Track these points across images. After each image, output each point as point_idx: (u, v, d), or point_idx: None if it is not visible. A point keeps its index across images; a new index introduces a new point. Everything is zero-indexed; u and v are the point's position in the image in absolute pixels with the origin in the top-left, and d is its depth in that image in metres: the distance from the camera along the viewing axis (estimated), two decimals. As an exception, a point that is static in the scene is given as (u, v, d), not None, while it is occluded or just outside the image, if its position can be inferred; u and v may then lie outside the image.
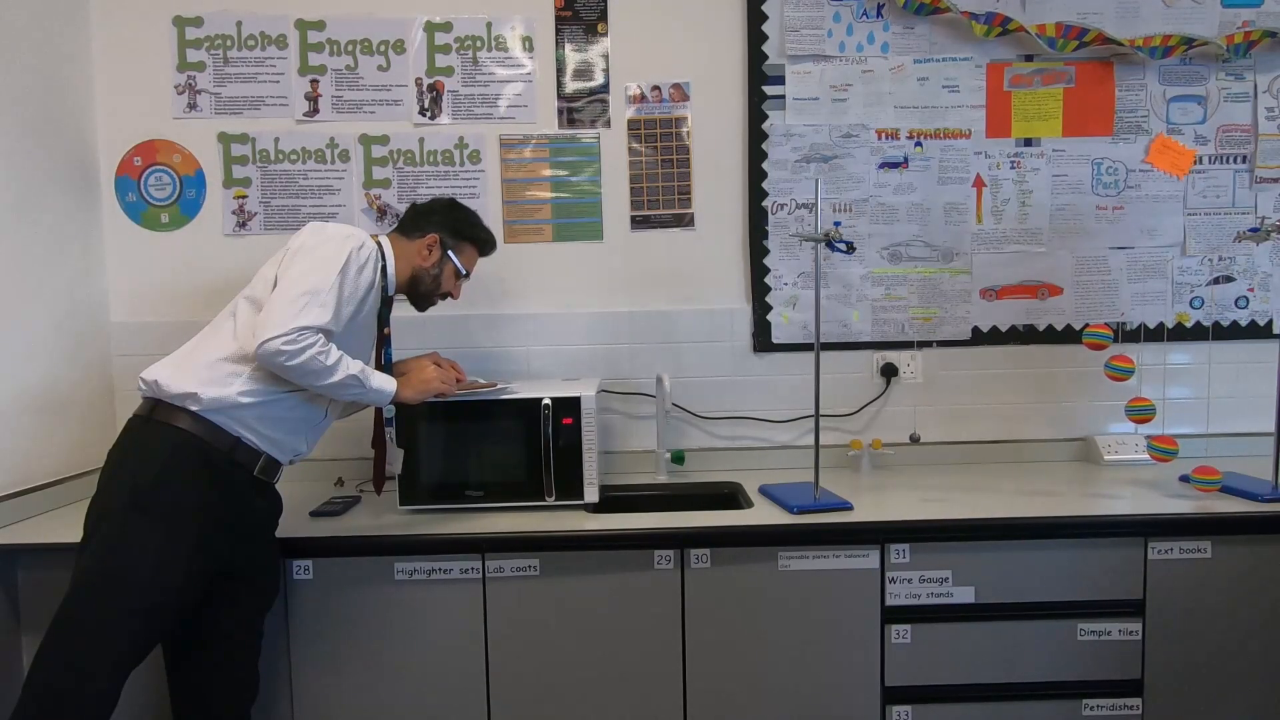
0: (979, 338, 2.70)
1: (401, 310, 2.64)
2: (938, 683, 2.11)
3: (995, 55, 2.66)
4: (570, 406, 2.24)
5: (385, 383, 1.97)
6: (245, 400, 1.85)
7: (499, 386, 2.32)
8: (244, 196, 2.63)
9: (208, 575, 1.84)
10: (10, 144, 2.25)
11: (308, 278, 1.86)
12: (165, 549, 1.76)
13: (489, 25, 2.63)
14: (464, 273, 2.20)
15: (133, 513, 1.76)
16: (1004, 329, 2.70)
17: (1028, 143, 2.68)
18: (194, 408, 1.82)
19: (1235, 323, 2.71)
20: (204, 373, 1.85)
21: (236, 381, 1.85)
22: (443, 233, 2.14)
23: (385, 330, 2.14)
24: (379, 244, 2.06)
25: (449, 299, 2.23)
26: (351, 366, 1.89)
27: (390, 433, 2.21)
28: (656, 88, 2.65)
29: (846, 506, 2.17)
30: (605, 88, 2.65)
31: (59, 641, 1.71)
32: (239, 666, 1.96)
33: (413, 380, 2.07)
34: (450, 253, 2.16)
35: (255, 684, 2.00)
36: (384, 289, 2.08)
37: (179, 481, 1.80)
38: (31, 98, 2.35)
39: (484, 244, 2.23)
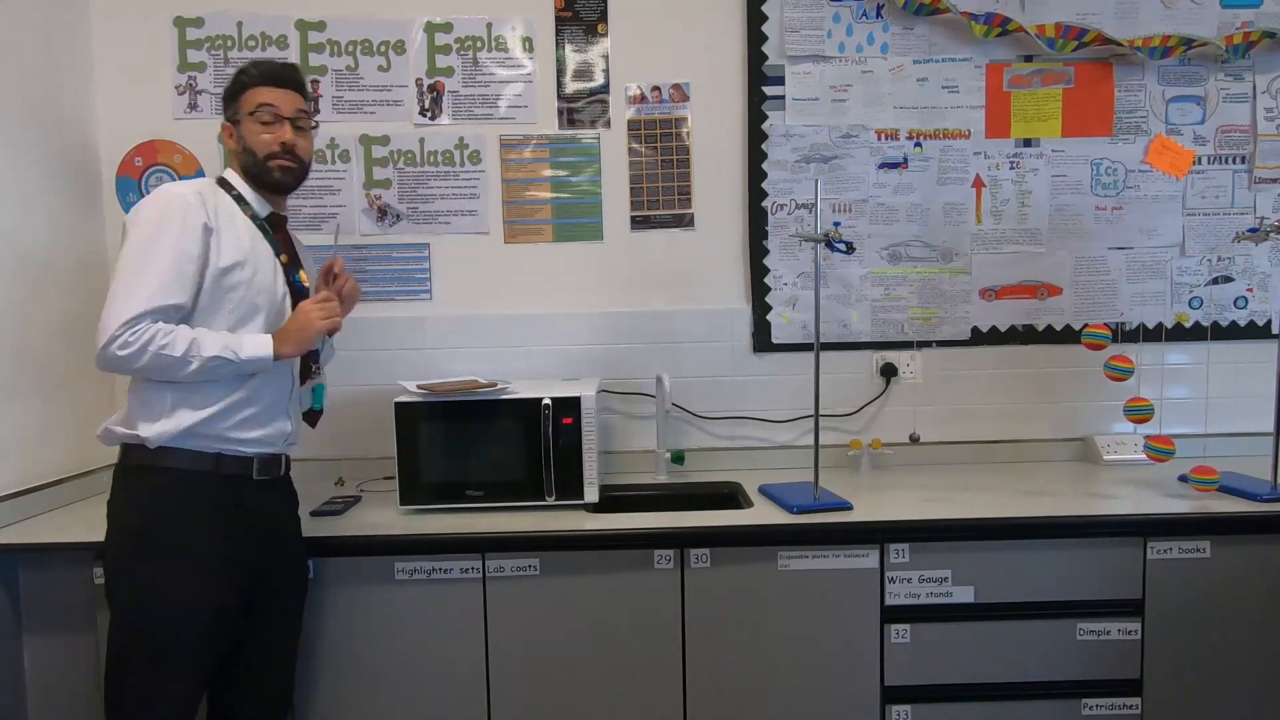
0: (978, 338, 2.71)
1: (400, 311, 2.66)
2: (937, 682, 2.11)
3: (995, 56, 2.66)
4: (570, 406, 2.25)
5: (258, 347, 1.78)
6: (195, 418, 1.76)
7: (498, 385, 2.32)
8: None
9: (243, 593, 1.82)
10: (11, 144, 2.25)
11: (125, 265, 1.72)
12: (185, 589, 1.73)
13: (489, 26, 2.63)
14: (257, 116, 1.86)
15: (140, 562, 1.73)
16: (1003, 329, 2.70)
17: (1027, 143, 2.68)
18: (151, 447, 1.75)
19: (1234, 323, 2.71)
20: (139, 409, 1.77)
21: (167, 401, 1.75)
22: (225, 114, 1.91)
23: (282, 257, 1.90)
24: (221, 179, 1.89)
25: (289, 152, 1.88)
26: (209, 347, 1.72)
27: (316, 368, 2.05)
28: (656, 88, 2.66)
29: (846, 506, 2.17)
30: (605, 88, 2.65)
31: (118, 711, 1.72)
32: (278, 673, 1.95)
33: (290, 331, 1.83)
34: (236, 116, 1.88)
35: (290, 691, 1.99)
36: (252, 219, 1.87)
37: (175, 520, 1.75)
38: (32, 98, 2.35)
39: (244, 75, 1.89)
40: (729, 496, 2.47)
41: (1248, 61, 2.66)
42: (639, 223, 2.68)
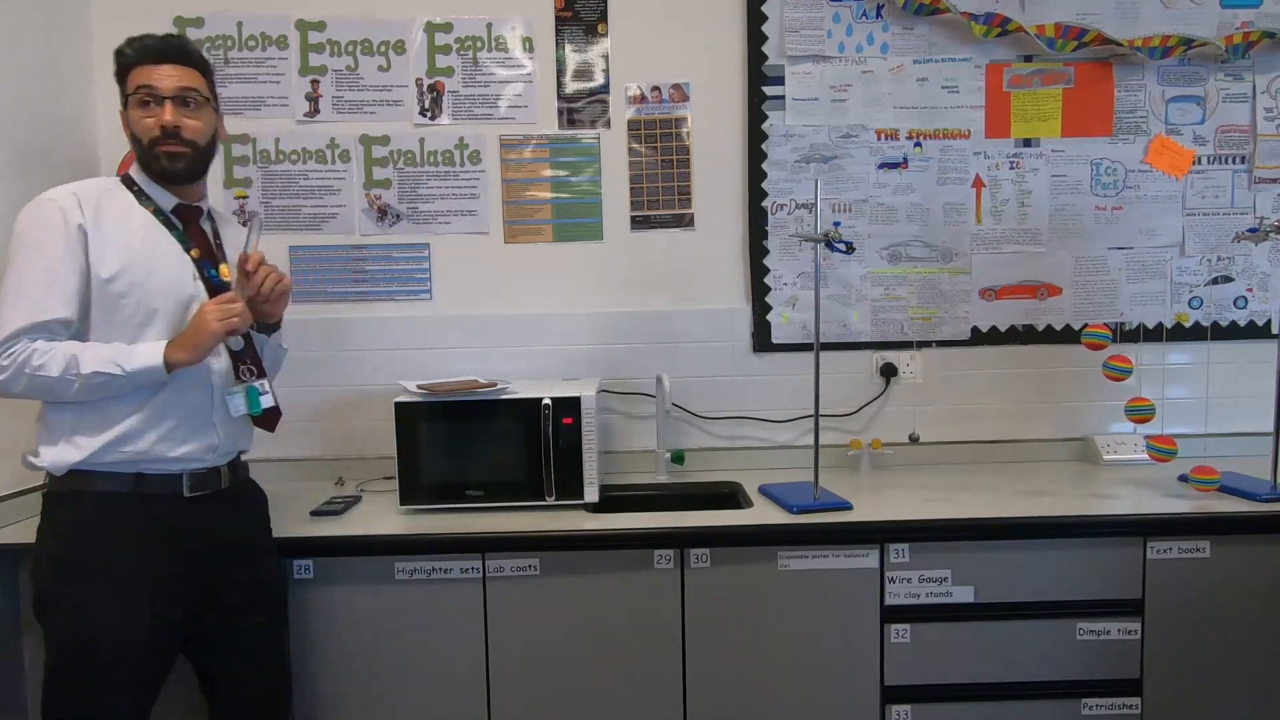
0: (978, 338, 2.71)
1: (400, 311, 2.66)
2: (937, 682, 2.11)
3: (994, 56, 2.66)
4: (570, 406, 2.25)
5: (147, 356, 1.64)
6: (96, 442, 1.67)
7: (498, 385, 2.32)
8: (245, 197, 2.63)
9: (192, 610, 1.76)
10: (11, 144, 2.26)
11: (2, 283, 1.62)
12: (109, 612, 1.65)
13: (489, 26, 2.63)
14: (133, 100, 1.73)
15: (63, 587, 1.66)
16: (1003, 329, 2.71)
17: (1027, 143, 2.68)
18: (58, 474, 1.67)
19: (1234, 323, 2.71)
20: (43, 433, 1.69)
21: (66, 425, 1.67)
22: (121, 101, 1.77)
23: (192, 252, 1.76)
24: (125, 176, 1.76)
25: (173, 136, 1.72)
26: (90, 363, 1.60)
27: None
28: (656, 88, 2.66)
29: (846, 506, 2.17)
30: (605, 88, 2.65)
31: None
32: (267, 680, 1.92)
33: (184, 336, 1.68)
34: (125, 103, 1.75)
35: (286, 696, 1.97)
36: (155, 213, 1.74)
37: (96, 544, 1.67)
38: (32, 98, 2.35)
39: (120, 57, 1.76)
40: (729, 496, 2.47)
41: (1247, 61, 2.66)
42: (639, 223, 2.68)
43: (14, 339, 1.60)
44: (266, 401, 1.82)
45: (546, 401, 2.24)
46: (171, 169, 1.74)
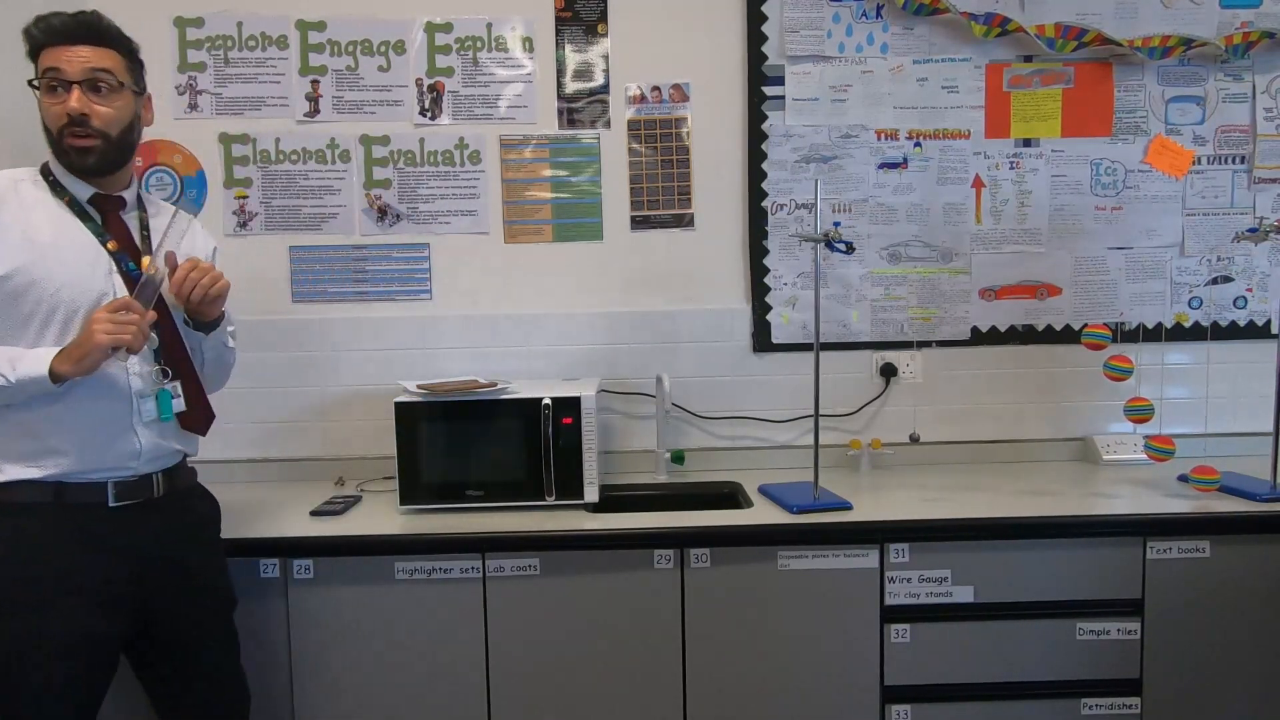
0: (978, 338, 2.71)
1: (400, 311, 2.66)
2: (937, 682, 2.11)
3: (994, 56, 2.66)
4: (570, 406, 2.25)
5: (35, 367, 1.53)
6: (17, 450, 1.58)
7: (498, 385, 2.32)
8: (245, 197, 2.63)
9: (124, 625, 1.67)
10: (9, 144, 2.25)
11: None
12: (25, 633, 1.56)
13: (489, 26, 2.63)
14: (50, 72, 1.62)
15: None
16: (1003, 329, 2.71)
17: (1027, 143, 2.68)
18: None
19: (1234, 323, 2.72)
20: None
21: None
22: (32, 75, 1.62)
23: (109, 245, 1.65)
24: (45, 164, 1.65)
25: (81, 122, 1.62)
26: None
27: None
28: (656, 88, 2.66)
29: (846, 506, 2.18)
30: (605, 88, 2.65)
31: None
32: (224, 689, 1.88)
33: (70, 349, 1.56)
34: (34, 79, 1.63)
35: (245, 690, 1.94)
36: (69, 204, 1.64)
37: (12, 559, 1.57)
38: (30, 98, 2.34)
39: (31, 37, 1.65)
40: (729, 496, 2.47)
41: (1247, 61, 2.66)
42: (639, 223, 2.68)
43: None
44: (178, 406, 1.72)
45: (546, 401, 2.24)
46: (79, 163, 1.64)
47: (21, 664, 1.58)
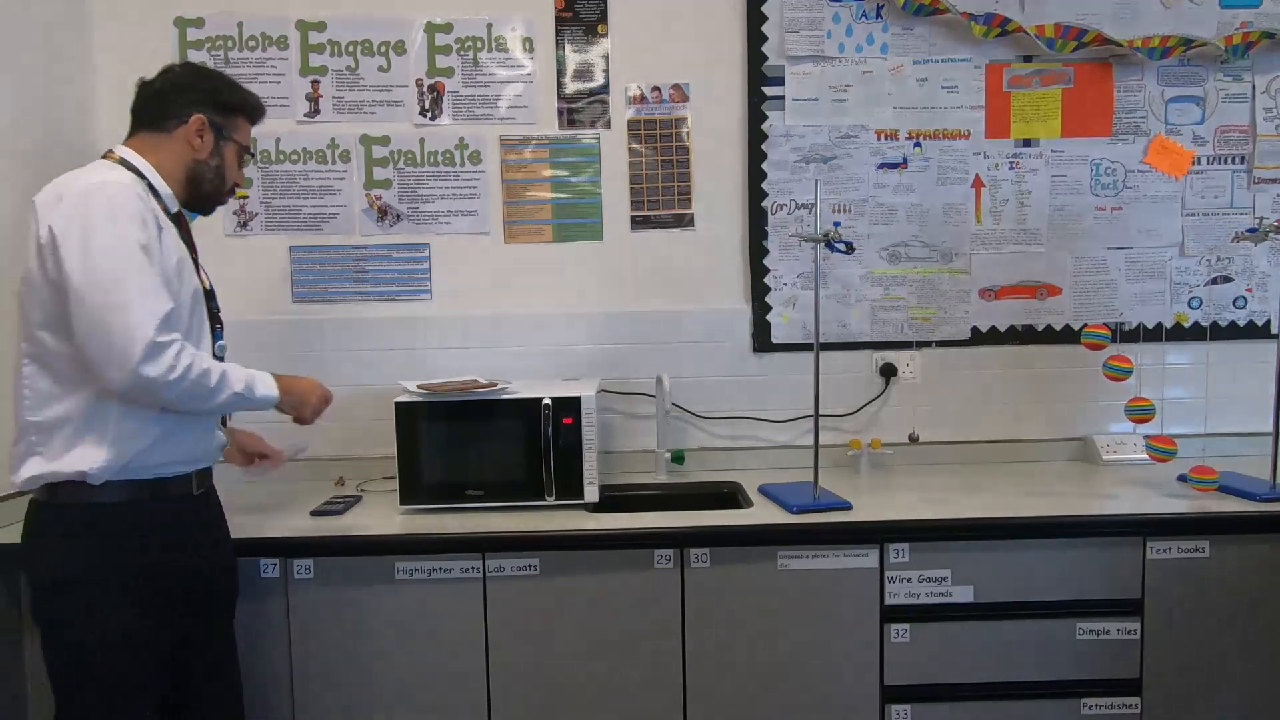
0: (978, 338, 2.71)
1: (400, 311, 2.66)
2: (937, 682, 2.11)
3: (994, 56, 2.66)
4: (570, 406, 2.25)
5: (269, 389, 1.76)
6: (139, 445, 1.64)
7: (498, 385, 2.32)
8: (245, 197, 2.63)
9: (179, 613, 1.73)
10: (11, 144, 2.26)
11: (107, 267, 1.52)
12: (128, 625, 1.63)
13: (489, 26, 2.64)
14: (251, 153, 1.87)
15: (79, 598, 1.61)
16: (1003, 329, 2.71)
17: (1026, 143, 2.68)
18: (95, 483, 1.61)
19: (1233, 323, 2.72)
20: (69, 440, 1.60)
21: (109, 429, 1.61)
22: (207, 111, 1.75)
23: (191, 252, 1.77)
24: (122, 160, 1.70)
25: (233, 192, 1.85)
26: (232, 382, 1.67)
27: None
28: (656, 88, 2.66)
29: (846, 506, 2.18)
30: (605, 88, 2.65)
31: None
32: (228, 681, 1.91)
33: (293, 390, 1.86)
34: (225, 133, 1.78)
35: (240, 690, 1.95)
36: (164, 212, 1.70)
37: (114, 555, 1.63)
38: (33, 99, 2.35)
39: (254, 111, 1.85)
40: (729, 496, 2.47)
41: (1247, 62, 2.66)
42: (639, 223, 2.68)
43: (168, 340, 1.57)
44: None
45: (546, 401, 2.24)
46: (210, 209, 1.86)
47: (115, 658, 1.63)
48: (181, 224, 1.79)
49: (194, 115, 1.74)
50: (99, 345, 1.53)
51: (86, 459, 1.61)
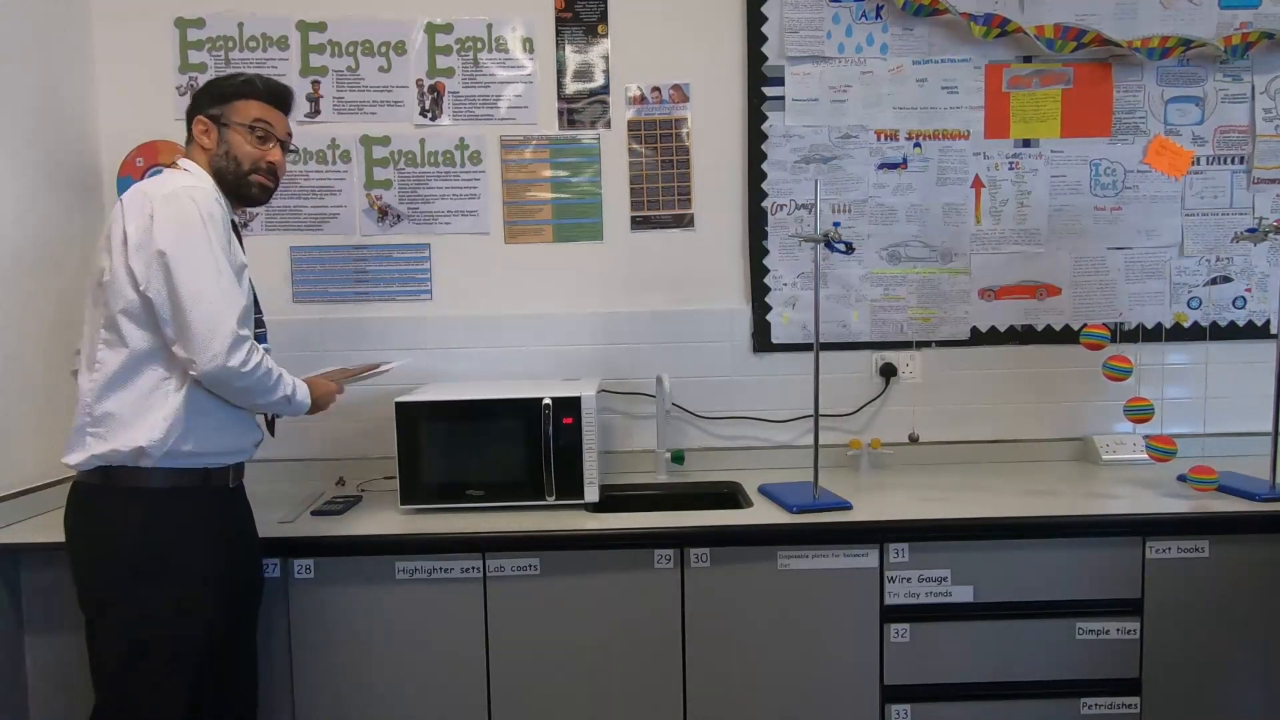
0: (978, 338, 2.71)
1: (400, 311, 2.66)
2: (936, 681, 2.11)
3: (994, 56, 2.67)
4: (570, 406, 2.25)
5: (304, 394, 1.89)
6: (194, 428, 1.75)
7: (385, 367, 2.30)
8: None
9: (229, 605, 1.82)
10: (12, 145, 2.26)
11: (197, 265, 1.68)
12: (184, 611, 1.73)
13: (489, 27, 2.64)
14: (253, 129, 1.88)
15: (139, 586, 1.71)
16: (1002, 329, 2.71)
17: (1026, 143, 2.68)
18: (147, 464, 1.72)
19: (1233, 323, 2.72)
20: (129, 424, 1.71)
21: (171, 413, 1.72)
22: (204, 110, 1.87)
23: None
24: (175, 165, 1.87)
25: (272, 172, 1.92)
26: (286, 385, 1.83)
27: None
28: (656, 89, 2.66)
29: (846, 506, 2.18)
30: (605, 89, 2.66)
31: None
32: (249, 676, 1.95)
33: (319, 397, 1.98)
34: (223, 120, 1.87)
35: (257, 686, 1.99)
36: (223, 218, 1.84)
37: (173, 543, 1.74)
38: (33, 99, 2.35)
39: (246, 86, 1.90)
40: (729, 496, 2.47)
41: (1246, 62, 2.66)
42: (639, 223, 2.69)
43: (246, 334, 1.72)
44: None
45: (547, 401, 2.24)
46: (257, 197, 1.94)
47: (167, 643, 1.73)
48: (238, 234, 1.91)
49: (196, 119, 1.89)
50: (193, 335, 1.67)
51: (143, 436, 1.71)
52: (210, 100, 1.89)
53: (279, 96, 1.95)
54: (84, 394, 1.75)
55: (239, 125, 1.87)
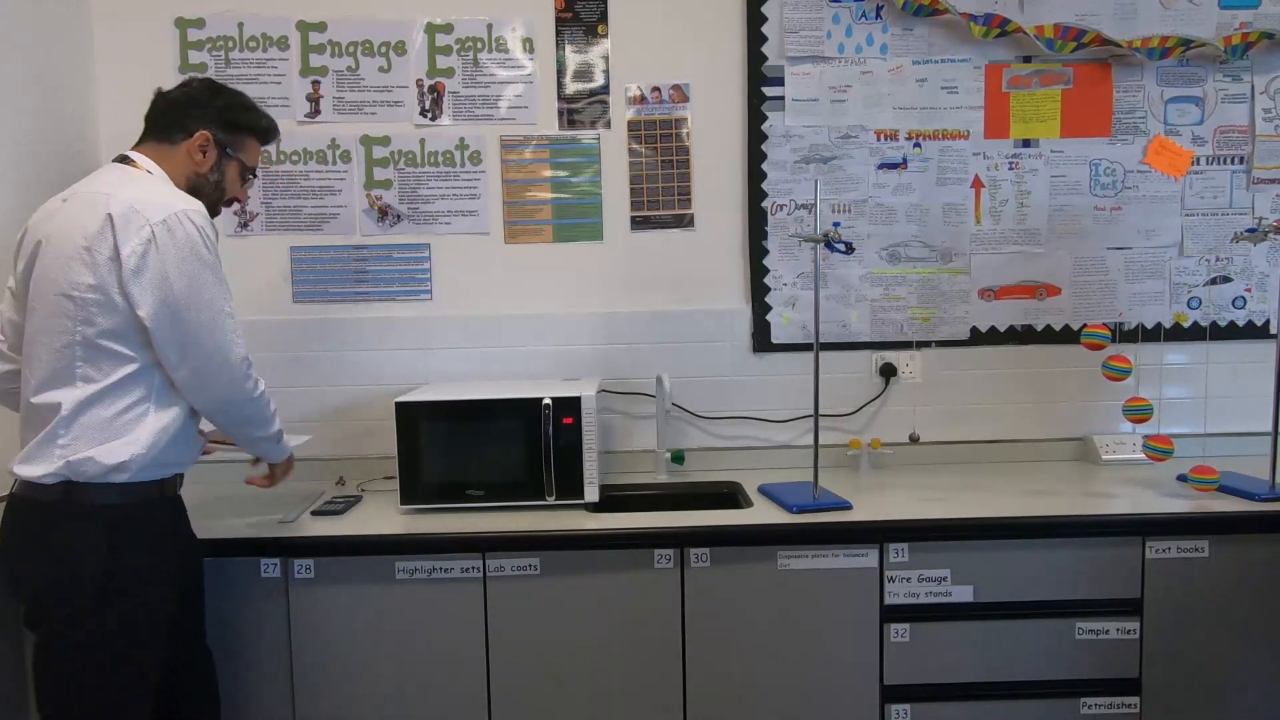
0: (977, 338, 2.71)
1: (400, 311, 2.66)
2: (936, 681, 2.11)
3: (994, 56, 2.67)
4: (570, 406, 2.25)
5: (287, 445, 1.96)
6: (164, 440, 1.71)
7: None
8: (245, 198, 2.63)
9: (184, 609, 1.81)
10: (12, 145, 2.26)
11: (209, 289, 1.68)
12: (152, 623, 1.70)
13: (489, 27, 2.64)
14: (252, 175, 1.91)
15: (105, 607, 1.64)
16: (1002, 329, 2.71)
17: (1026, 144, 2.68)
18: (119, 479, 1.65)
19: (1232, 323, 2.72)
20: (106, 435, 1.65)
21: (147, 425, 1.68)
22: (213, 128, 1.81)
23: None
24: (131, 161, 1.78)
25: (234, 205, 1.97)
26: (278, 422, 1.87)
27: None
28: (656, 89, 2.66)
29: (845, 506, 2.18)
30: (605, 89, 2.66)
31: None
32: (209, 680, 1.96)
33: (288, 462, 2.05)
34: (229, 151, 1.84)
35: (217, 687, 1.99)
36: None
37: (136, 558, 1.68)
38: (33, 99, 2.35)
39: (265, 133, 1.92)
40: (729, 496, 2.47)
41: (1246, 62, 2.66)
42: (639, 223, 2.69)
43: (251, 362, 1.76)
44: None
45: (547, 401, 2.25)
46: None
47: (138, 661, 1.70)
48: None
49: (199, 131, 1.81)
50: (205, 363, 1.68)
51: (124, 451, 1.66)
52: (225, 123, 1.84)
53: (274, 137, 1.99)
54: (57, 407, 1.64)
55: (240, 163, 1.88)
